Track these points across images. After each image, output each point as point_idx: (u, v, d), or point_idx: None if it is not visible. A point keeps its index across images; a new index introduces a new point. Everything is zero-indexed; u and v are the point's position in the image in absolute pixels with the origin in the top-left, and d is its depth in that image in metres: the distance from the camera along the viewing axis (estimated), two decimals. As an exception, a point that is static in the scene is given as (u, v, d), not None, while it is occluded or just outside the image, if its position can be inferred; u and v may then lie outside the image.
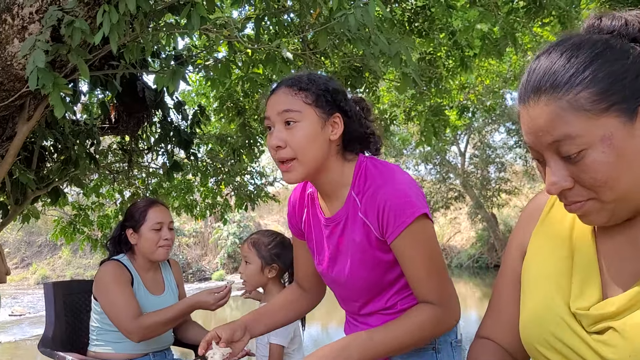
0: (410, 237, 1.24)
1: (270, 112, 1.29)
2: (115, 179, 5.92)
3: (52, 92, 2.59)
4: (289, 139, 1.27)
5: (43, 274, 20.53)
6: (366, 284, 1.35)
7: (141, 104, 4.79)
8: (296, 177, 1.30)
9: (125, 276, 2.12)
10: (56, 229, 6.37)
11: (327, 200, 1.39)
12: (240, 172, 6.37)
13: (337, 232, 1.36)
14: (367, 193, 1.29)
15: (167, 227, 2.19)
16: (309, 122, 1.27)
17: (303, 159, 1.27)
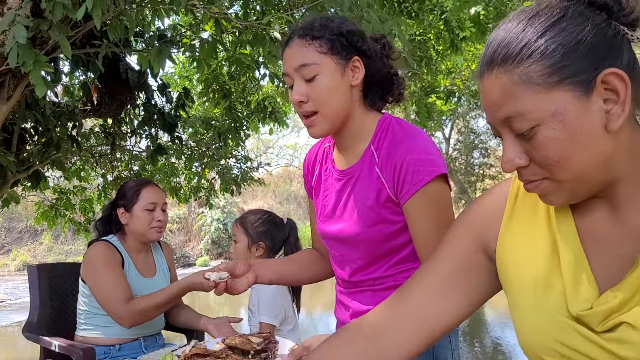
0: (425, 198, 1.18)
1: (288, 68, 1.24)
2: (98, 162, 5.80)
3: (32, 70, 2.49)
4: (311, 93, 1.21)
5: (24, 260, 20.23)
6: (367, 244, 1.28)
7: (124, 85, 4.68)
8: (320, 131, 1.25)
9: (115, 258, 2.05)
10: (37, 213, 6.24)
11: (344, 153, 1.33)
12: (225, 156, 6.29)
13: (349, 185, 1.30)
14: (387, 148, 1.23)
15: (160, 208, 2.13)
16: (328, 72, 1.21)
17: (326, 111, 1.22)
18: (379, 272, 1.30)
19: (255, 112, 5.53)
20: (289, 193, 25.20)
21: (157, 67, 3.41)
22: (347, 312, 1.35)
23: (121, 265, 2.05)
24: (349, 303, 1.35)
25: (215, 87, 5.17)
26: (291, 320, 2.08)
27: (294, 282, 1.53)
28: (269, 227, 2.09)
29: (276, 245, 2.10)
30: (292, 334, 2.04)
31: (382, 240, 1.26)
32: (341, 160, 1.34)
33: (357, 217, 1.27)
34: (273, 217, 2.15)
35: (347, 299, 1.36)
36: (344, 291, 1.38)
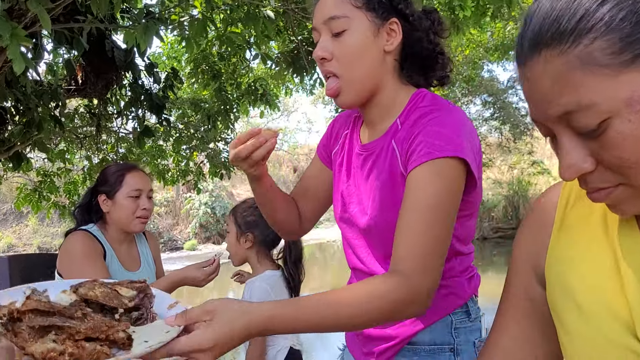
0: (424, 175, 0.97)
1: (316, 22, 1.09)
2: (83, 144, 5.64)
3: (10, 45, 2.34)
4: (336, 50, 1.06)
5: (9, 242, 19.99)
6: (385, 230, 1.08)
7: (110, 64, 4.51)
8: (346, 99, 1.09)
9: (96, 248, 1.88)
10: (19, 197, 6.07)
11: (370, 128, 1.16)
12: (214, 139, 6.15)
13: (369, 163, 1.14)
14: (413, 119, 1.06)
15: (146, 196, 1.96)
16: (359, 29, 1.06)
17: (350, 74, 1.07)
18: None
19: (245, 94, 5.37)
20: (277, 177, 25.07)
21: (143, 45, 3.25)
22: None
23: (103, 257, 1.90)
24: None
25: (205, 68, 5.01)
26: None
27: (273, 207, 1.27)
28: (259, 217, 1.93)
29: (267, 237, 1.96)
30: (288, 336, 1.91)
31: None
32: (365, 134, 1.19)
33: (373, 199, 1.11)
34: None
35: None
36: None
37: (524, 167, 17.88)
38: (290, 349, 1.90)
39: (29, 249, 19.72)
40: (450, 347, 1.10)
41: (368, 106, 1.13)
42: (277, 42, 5.44)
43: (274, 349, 1.88)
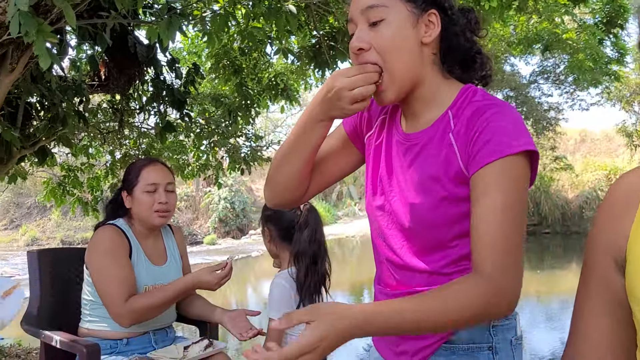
0: (497, 174, 0.96)
1: (352, 12, 1.07)
2: (106, 139, 5.69)
3: (36, 41, 2.36)
4: (374, 41, 1.03)
5: (33, 235, 20.34)
6: (425, 225, 1.06)
7: (133, 60, 4.54)
8: (390, 94, 1.06)
9: (122, 245, 1.89)
10: (46, 190, 6.16)
11: (412, 118, 1.12)
12: (234, 135, 6.16)
13: (412, 153, 1.09)
14: (469, 116, 1.03)
15: (163, 189, 1.94)
16: (397, 19, 1.03)
17: (391, 66, 1.03)
18: (435, 265, 1.08)
19: (266, 89, 5.36)
20: (297, 172, 25.09)
21: (166, 40, 3.26)
22: None
23: (129, 254, 1.90)
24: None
25: (226, 63, 5.01)
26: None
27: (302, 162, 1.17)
28: (273, 211, 1.91)
29: (283, 230, 1.92)
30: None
31: (445, 224, 1.05)
32: (408, 126, 1.14)
33: (418, 191, 1.06)
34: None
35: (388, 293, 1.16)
36: (388, 292, 1.16)
37: (546, 163, 17.61)
38: None
39: (53, 242, 20.05)
40: (489, 346, 1.07)
41: (409, 99, 1.10)
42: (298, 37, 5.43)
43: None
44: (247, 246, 17.41)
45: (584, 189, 19.16)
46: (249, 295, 11.58)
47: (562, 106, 16.92)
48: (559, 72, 15.46)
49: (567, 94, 16.38)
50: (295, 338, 1.83)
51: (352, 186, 23.62)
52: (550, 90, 16.71)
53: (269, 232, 1.94)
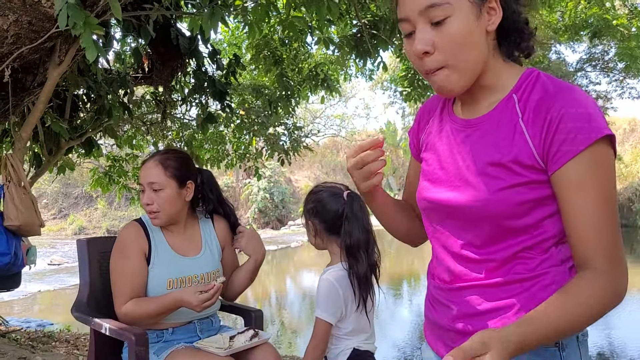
0: (588, 164, 0.92)
1: (409, 11, 0.98)
2: (149, 130, 5.79)
3: (83, 33, 2.40)
4: (439, 41, 0.96)
5: (80, 224, 21.02)
6: (489, 217, 1.00)
7: (175, 52, 4.59)
8: (453, 87, 1.01)
9: (138, 245, 1.87)
10: (93, 180, 6.34)
11: (470, 103, 1.07)
12: (274, 125, 6.17)
13: (474, 138, 1.04)
14: (537, 100, 0.97)
15: (149, 189, 1.87)
16: (461, 14, 0.96)
17: (460, 64, 0.98)
18: (495, 256, 1.02)
19: (306, 79, 5.34)
20: (335, 164, 25.07)
21: (208, 32, 3.27)
22: (449, 314, 1.09)
23: (147, 251, 1.89)
24: (451, 303, 1.09)
25: (267, 54, 5.01)
26: (352, 320, 1.81)
27: (392, 220, 1.24)
28: (316, 204, 1.86)
29: (328, 222, 1.84)
30: (352, 337, 1.81)
31: (509, 213, 0.99)
32: (465, 111, 1.08)
33: (481, 178, 1.01)
34: (324, 193, 1.89)
35: (448, 297, 1.10)
36: (443, 287, 1.11)
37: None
38: (353, 350, 1.80)
39: (99, 231, 20.68)
40: (555, 342, 1.01)
41: (471, 87, 1.04)
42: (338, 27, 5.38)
43: (336, 349, 1.80)
44: (286, 237, 17.53)
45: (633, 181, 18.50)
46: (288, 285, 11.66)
47: (611, 95, 16.33)
48: (607, 59, 14.90)
49: (616, 82, 15.78)
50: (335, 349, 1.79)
51: (392, 177, 23.46)
52: (599, 78, 16.14)
53: (314, 226, 1.87)
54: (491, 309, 1.03)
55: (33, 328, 5.67)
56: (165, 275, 1.87)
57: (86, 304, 1.88)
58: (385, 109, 44.82)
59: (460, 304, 1.07)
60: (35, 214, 2.85)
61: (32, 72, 3.20)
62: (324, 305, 1.76)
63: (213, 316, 2.04)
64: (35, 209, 2.87)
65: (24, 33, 2.64)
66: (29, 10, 2.56)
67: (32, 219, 2.82)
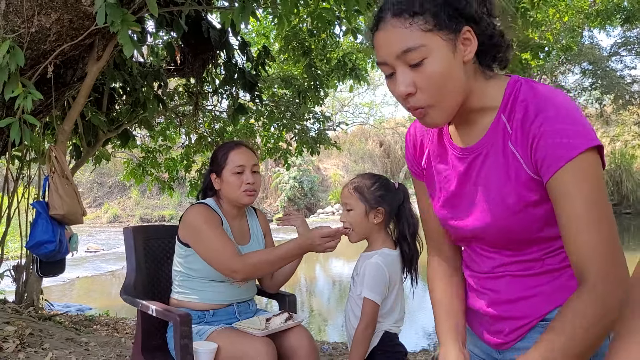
0: (573, 175, 0.95)
1: (386, 56, 1.02)
2: (182, 122, 5.93)
3: (120, 30, 2.50)
4: (419, 81, 1.00)
5: (114, 213, 21.54)
6: (508, 233, 1.07)
7: (206, 44, 4.69)
8: (438, 122, 1.05)
9: (215, 218, 2.02)
10: (127, 170, 6.52)
11: (466, 128, 1.11)
12: (303, 118, 6.24)
13: (477, 165, 1.08)
14: (520, 119, 1.01)
15: (249, 170, 2.05)
16: (437, 53, 0.98)
17: (443, 102, 1.01)
18: (526, 257, 1.09)
19: (335, 69, 5.40)
20: (364, 152, 25.04)
21: (239, 25, 3.35)
22: (484, 300, 1.16)
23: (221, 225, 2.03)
24: (486, 291, 1.16)
25: (295, 45, 5.07)
26: (389, 303, 1.89)
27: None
28: (386, 191, 1.92)
29: (393, 210, 1.93)
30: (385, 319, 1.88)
31: (531, 230, 1.05)
32: (462, 136, 1.12)
33: (495, 204, 1.06)
34: (387, 181, 1.98)
35: (483, 284, 1.17)
36: (478, 276, 1.18)
37: (628, 139, 16.66)
38: (385, 332, 1.88)
39: (132, 219, 21.16)
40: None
41: (459, 113, 1.07)
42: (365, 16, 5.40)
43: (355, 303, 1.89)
44: (316, 225, 17.64)
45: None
46: (317, 273, 11.77)
47: (647, 79, 15.91)
48: (643, 43, 14.52)
49: (652, 65, 15.36)
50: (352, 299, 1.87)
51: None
52: (634, 62, 15.75)
53: (383, 211, 1.91)
54: (523, 297, 1.10)
55: (73, 312, 5.91)
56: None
57: (133, 288, 2.00)
58: (414, 97, 44.35)
59: (494, 291, 1.14)
60: (78, 203, 2.99)
61: (72, 67, 3.34)
62: (373, 287, 1.83)
63: (250, 300, 2.17)
64: (78, 199, 3.01)
65: (65, 31, 2.76)
66: (70, 9, 2.68)
67: (76, 208, 2.96)
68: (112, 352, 2.81)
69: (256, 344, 1.78)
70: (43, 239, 2.84)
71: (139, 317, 1.98)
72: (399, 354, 1.88)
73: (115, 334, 4.19)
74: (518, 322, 1.11)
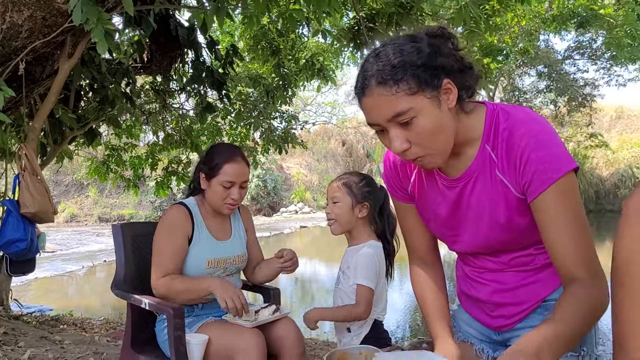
0: (556, 195, 1.08)
1: (377, 119, 1.10)
2: (148, 120, 5.88)
3: (95, 28, 2.50)
4: (412, 138, 1.09)
5: (71, 212, 21.00)
6: (501, 246, 1.23)
7: (174, 42, 4.67)
8: (437, 165, 1.15)
9: (183, 227, 2.05)
10: (90, 168, 6.43)
11: (452, 159, 1.20)
12: (270, 117, 6.28)
13: (467, 192, 1.21)
14: (506, 146, 1.13)
15: (238, 186, 2.08)
16: (425, 111, 1.07)
17: (437, 150, 1.11)
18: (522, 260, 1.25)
19: (303, 69, 5.46)
20: (326, 151, 25.19)
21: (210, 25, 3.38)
22: (487, 290, 1.31)
23: (191, 233, 2.06)
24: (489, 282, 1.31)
25: (265, 44, 5.11)
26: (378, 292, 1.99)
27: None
28: (372, 188, 2.04)
29: (376, 207, 2.04)
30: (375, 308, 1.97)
31: (522, 238, 1.21)
32: (450, 167, 1.23)
33: (488, 226, 1.20)
34: (372, 180, 2.09)
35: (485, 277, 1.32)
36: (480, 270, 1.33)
37: (581, 140, 17.33)
38: (375, 321, 1.99)
39: (90, 219, 20.68)
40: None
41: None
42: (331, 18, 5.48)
43: (359, 321, 1.99)
44: (279, 223, 17.68)
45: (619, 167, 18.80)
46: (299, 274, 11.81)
47: (598, 82, 16.57)
48: (595, 47, 15.11)
49: (603, 69, 16.02)
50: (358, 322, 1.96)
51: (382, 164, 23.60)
52: (586, 66, 16.37)
53: (368, 207, 2.02)
54: (522, 285, 1.26)
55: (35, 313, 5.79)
56: (205, 256, 2.04)
57: (124, 282, 2.02)
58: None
59: (498, 282, 1.29)
60: (49, 201, 2.97)
61: (42, 64, 3.30)
62: (366, 274, 1.93)
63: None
64: (49, 197, 2.99)
65: (38, 28, 2.74)
66: (43, 6, 2.66)
67: (47, 206, 2.95)
68: (88, 349, 2.80)
69: (246, 335, 1.84)
70: (14, 237, 2.81)
71: (129, 312, 2.01)
72: (386, 340, 1.99)
73: (84, 333, 4.15)
74: (520, 307, 1.27)
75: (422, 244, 1.39)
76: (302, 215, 21.25)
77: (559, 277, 1.14)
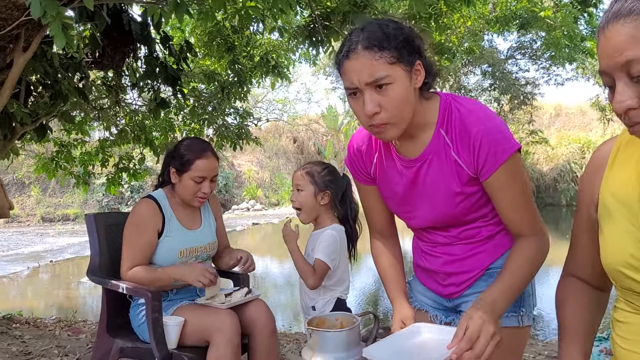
0: (506, 173, 1.27)
1: (356, 81, 1.23)
2: (100, 115, 5.79)
3: (53, 22, 2.49)
4: (384, 103, 1.23)
5: (13, 212, 20.20)
6: (451, 220, 1.39)
7: (127, 37, 4.63)
8: (393, 137, 1.30)
9: (152, 221, 2.11)
10: (37, 165, 6.26)
11: (408, 141, 1.37)
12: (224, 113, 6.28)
13: (423, 171, 1.36)
14: (459, 131, 1.30)
15: (209, 181, 2.16)
16: (399, 81, 1.23)
17: (399, 119, 1.26)
18: (469, 233, 1.41)
19: (258, 66, 5.51)
20: (278, 148, 25.19)
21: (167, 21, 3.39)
22: (439, 261, 1.47)
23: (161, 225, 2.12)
24: (440, 254, 1.47)
25: (220, 41, 5.13)
26: (339, 273, 2.12)
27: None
28: (333, 177, 2.17)
29: (338, 194, 2.18)
30: (337, 287, 2.11)
31: (471, 212, 1.37)
32: (407, 148, 1.39)
33: (441, 202, 1.36)
34: (334, 168, 2.22)
35: (437, 250, 1.48)
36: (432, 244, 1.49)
37: (522, 137, 18.03)
38: (337, 299, 2.12)
39: (33, 219, 19.92)
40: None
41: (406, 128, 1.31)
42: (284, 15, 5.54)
43: (323, 300, 2.09)
44: (231, 221, 17.57)
45: (558, 162, 19.68)
46: (235, 268, 11.78)
47: (539, 81, 17.29)
48: (535, 48, 15.75)
49: (543, 69, 16.72)
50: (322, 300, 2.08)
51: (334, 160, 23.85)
52: (527, 65, 17.04)
53: (329, 194, 2.15)
54: (469, 256, 1.44)
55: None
56: (177, 246, 2.11)
57: (99, 269, 2.06)
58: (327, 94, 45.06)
59: (449, 254, 1.46)
60: (4, 197, 2.93)
61: (-6, 58, 3.23)
62: (327, 251, 2.07)
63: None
64: (4, 192, 2.95)
65: (-8, 21, 2.69)
66: (-2, -2, 2.62)
67: (2, 202, 2.90)
68: (51, 342, 2.78)
69: (221, 315, 1.93)
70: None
71: (104, 298, 2.06)
72: None
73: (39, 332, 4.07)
74: (467, 275, 1.45)
75: (381, 219, 1.56)
76: (254, 212, 21.19)
77: (512, 237, 1.37)
